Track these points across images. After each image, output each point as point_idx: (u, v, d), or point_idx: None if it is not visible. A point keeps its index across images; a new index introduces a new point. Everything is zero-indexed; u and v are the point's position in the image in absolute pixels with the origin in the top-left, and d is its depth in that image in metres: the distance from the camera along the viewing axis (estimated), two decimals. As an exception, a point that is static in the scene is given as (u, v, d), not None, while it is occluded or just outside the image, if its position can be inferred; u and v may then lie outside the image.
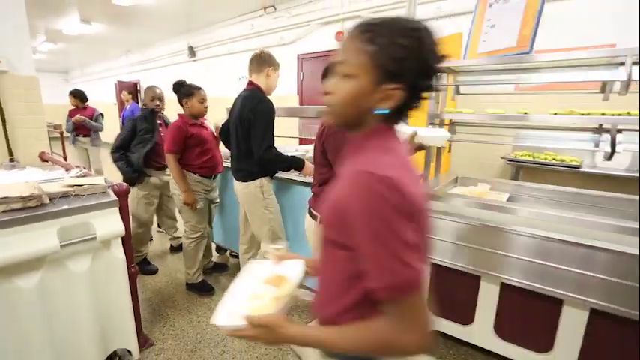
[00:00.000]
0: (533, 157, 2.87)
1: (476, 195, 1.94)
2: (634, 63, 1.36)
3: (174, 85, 2.39)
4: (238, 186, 2.12)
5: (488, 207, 1.68)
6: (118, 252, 1.55)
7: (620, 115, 1.47)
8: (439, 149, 2.14)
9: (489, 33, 1.77)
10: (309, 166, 1.99)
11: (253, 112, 1.90)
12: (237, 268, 2.90)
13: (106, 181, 1.67)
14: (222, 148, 2.56)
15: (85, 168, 2.02)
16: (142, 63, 8.61)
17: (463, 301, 1.82)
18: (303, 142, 3.85)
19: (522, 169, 3.11)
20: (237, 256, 3.08)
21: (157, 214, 3.66)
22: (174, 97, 2.41)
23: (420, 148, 1.57)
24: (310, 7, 4.67)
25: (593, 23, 2.86)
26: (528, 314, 1.65)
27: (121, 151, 2.63)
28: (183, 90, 2.36)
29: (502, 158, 3.14)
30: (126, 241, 1.63)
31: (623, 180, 2.64)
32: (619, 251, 1.34)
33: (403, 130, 1.46)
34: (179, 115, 2.40)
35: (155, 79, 8.26)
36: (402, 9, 3.57)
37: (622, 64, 1.38)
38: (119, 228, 1.52)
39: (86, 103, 4.67)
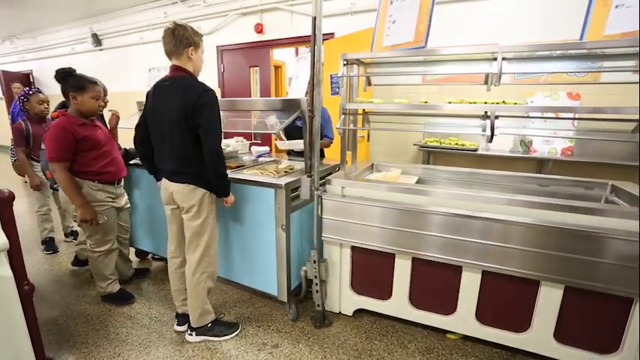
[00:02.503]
0: (440, 143, 3.19)
1: (388, 179, 2.10)
2: (504, 58, 1.59)
3: (58, 73, 1.95)
4: (178, 187, 1.75)
5: (397, 189, 1.84)
6: (2, 269, 1.35)
7: (497, 103, 1.71)
8: (355, 137, 2.26)
9: (392, 28, 1.91)
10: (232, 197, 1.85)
11: (204, 104, 1.60)
12: (160, 272, 2.73)
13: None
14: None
15: None
16: (35, 51, 7.45)
17: (381, 278, 1.97)
18: (227, 135, 3.74)
19: (432, 154, 3.44)
20: (159, 259, 2.91)
21: (63, 218, 3.27)
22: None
23: None
24: (227, -4, 4.52)
25: (483, 25, 3.24)
26: (435, 283, 1.85)
27: None
28: (73, 82, 1.95)
29: (414, 145, 3.44)
30: (14, 255, 1.42)
31: (509, 159, 3.12)
32: (511, 221, 1.56)
33: None
34: (62, 112, 1.99)
35: (53, 69, 7.24)
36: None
37: (495, 59, 1.60)
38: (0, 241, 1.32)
39: None
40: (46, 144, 1.93)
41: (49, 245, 3.11)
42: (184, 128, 1.65)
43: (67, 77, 1.96)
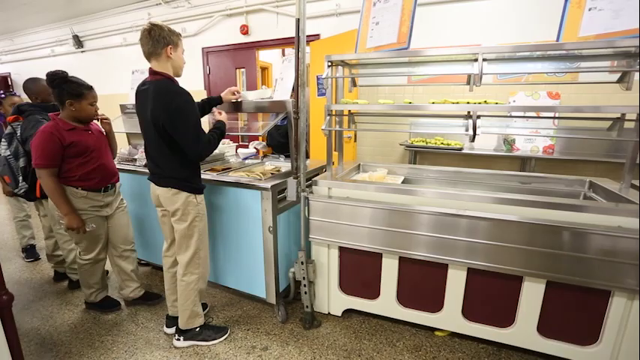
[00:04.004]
0: (426, 143, 3.23)
1: (374, 179, 2.11)
2: (484, 59, 1.62)
3: (51, 77, 1.84)
4: (162, 191, 1.75)
5: (383, 190, 1.86)
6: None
7: (479, 103, 1.74)
8: (341, 138, 2.27)
9: (375, 30, 1.92)
10: (225, 116, 1.91)
11: (172, 112, 1.57)
12: (146, 277, 2.69)
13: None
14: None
15: None
16: (13, 53, 7.23)
17: (369, 278, 1.98)
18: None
19: (418, 154, 3.48)
20: (146, 265, 2.86)
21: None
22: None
23: None
24: (211, -3, 4.48)
25: (466, 26, 3.29)
26: (422, 282, 1.87)
27: None
28: (69, 88, 1.85)
29: (401, 145, 3.47)
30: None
31: (493, 157, 3.18)
32: (495, 219, 1.59)
33: None
34: (53, 116, 1.93)
35: (32, 72, 7.05)
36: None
37: (476, 60, 1.64)
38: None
39: None
40: (33, 150, 1.86)
41: (31, 252, 3.03)
42: (162, 133, 1.63)
43: (62, 83, 1.85)
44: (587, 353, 1.62)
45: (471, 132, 1.70)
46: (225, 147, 2.89)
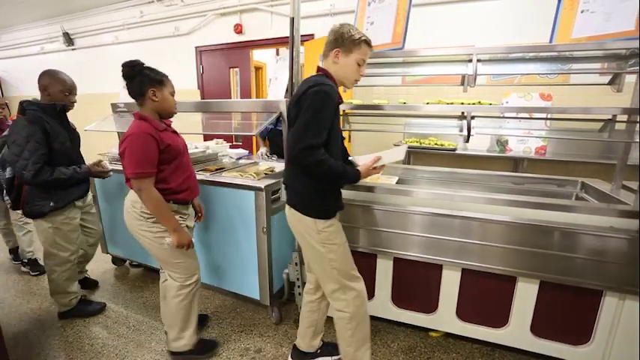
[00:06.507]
0: (420, 143, 3.24)
1: (368, 180, 2.10)
2: (479, 60, 1.63)
3: (127, 66, 1.53)
4: (288, 213, 1.52)
5: (377, 190, 1.85)
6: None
7: (473, 104, 1.75)
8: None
9: (370, 29, 1.92)
10: (365, 171, 1.51)
11: (302, 98, 1.32)
12: (138, 279, 2.65)
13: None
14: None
15: None
16: (1, 50, 7.10)
17: (363, 279, 1.97)
18: (207, 138, 3.68)
19: (412, 154, 3.49)
20: (137, 266, 2.82)
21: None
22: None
23: None
24: (205, -4, 4.45)
25: (461, 27, 3.31)
26: (417, 282, 1.87)
27: (48, 169, 1.82)
28: (151, 75, 1.55)
29: (395, 145, 3.47)
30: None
31: (486, 158, 3.20)
32: (488, 219, 1.60)
33: None
34: (140, 115, 1.57)
35: (21, 69, 6.93)
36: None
37: (471, 60, 1.64)
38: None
39: None
40: (128, 157, 1.51)
41: (18, 255, 2.96)
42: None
43: (141, 70, 1.54)
44: (579, 353, 1.63)
45: (465, 132, 1.71)
46: (219, 147, 2.86)
